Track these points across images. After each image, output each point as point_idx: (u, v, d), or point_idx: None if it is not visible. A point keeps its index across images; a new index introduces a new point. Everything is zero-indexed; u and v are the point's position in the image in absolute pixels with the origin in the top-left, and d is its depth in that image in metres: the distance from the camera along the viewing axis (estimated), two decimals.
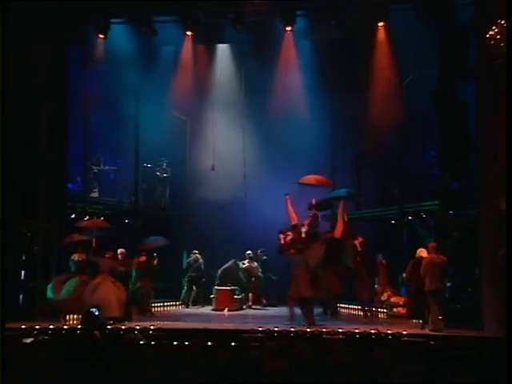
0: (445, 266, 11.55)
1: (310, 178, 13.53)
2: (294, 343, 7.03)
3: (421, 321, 11.87)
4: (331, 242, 12.72)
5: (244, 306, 15.86)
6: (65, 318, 12.44)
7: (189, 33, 14.55)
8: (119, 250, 13.64)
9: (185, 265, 16.95)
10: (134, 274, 14.00)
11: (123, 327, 11.30)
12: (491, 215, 10.86)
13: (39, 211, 13.19)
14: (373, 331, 10.69)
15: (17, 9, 11.68)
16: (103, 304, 11.46)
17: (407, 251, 14.93)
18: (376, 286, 14.81)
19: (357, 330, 10.90)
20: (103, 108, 15.91)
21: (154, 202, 17.73)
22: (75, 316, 12.44)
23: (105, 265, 12.77)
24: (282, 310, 14.06)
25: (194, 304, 16.25)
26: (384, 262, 14.71)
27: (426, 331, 11.34)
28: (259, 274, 16.01)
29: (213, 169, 17.14)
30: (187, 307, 16.13)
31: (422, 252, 12.05)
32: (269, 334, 10.55)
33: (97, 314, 10.25)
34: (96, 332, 7.10)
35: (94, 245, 13.29)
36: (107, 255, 13.15)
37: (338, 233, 12.97)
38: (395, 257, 15.50)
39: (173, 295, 16.37)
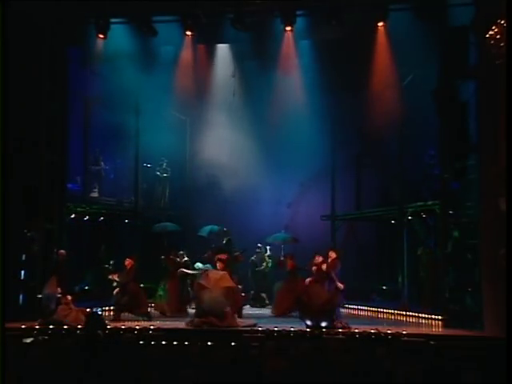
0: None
1: None
2: (294, 343, 7.03)
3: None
4: None
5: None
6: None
7: (189, 33, 14.53)
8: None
9: None
10: None
11: (123, 327, 11.28)
12: (491, 215, 10.85)
13: (39, 211, 13.20)
14: (373, 331, 10.69)
15: (17, 8, 11.66)
16: None
17: (407, 251, 14.94)
18: None
19: (357, 330, 10.90)
20: (103, 108, 15.90)
21: (154, 202, 17.71)
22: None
23: None
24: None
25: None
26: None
27: (426, 331, 11.34)
28: None
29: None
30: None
31: None
32: (269, 334, 10.55)
33: (100, 313, 10.25)
34: (99, 332, 7.11)
35: None
36: None
37: None
38: (395, 257, 15.52)
39: None
